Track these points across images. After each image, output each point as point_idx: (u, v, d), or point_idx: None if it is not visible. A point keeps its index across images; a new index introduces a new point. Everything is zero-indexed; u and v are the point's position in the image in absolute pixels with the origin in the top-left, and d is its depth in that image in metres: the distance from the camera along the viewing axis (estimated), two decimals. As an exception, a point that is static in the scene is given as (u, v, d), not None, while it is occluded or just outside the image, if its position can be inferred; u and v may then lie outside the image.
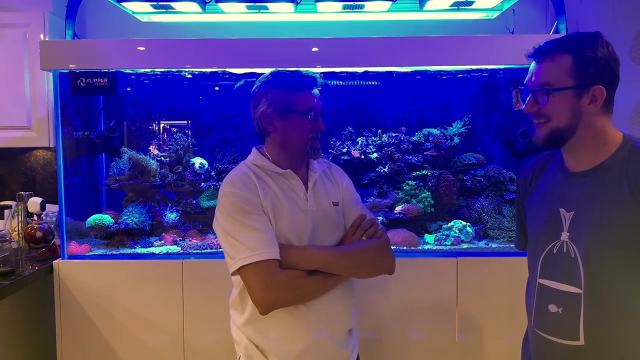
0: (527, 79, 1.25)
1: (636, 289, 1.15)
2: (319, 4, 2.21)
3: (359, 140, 2.52)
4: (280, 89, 1.46)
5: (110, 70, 2.14)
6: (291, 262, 1.36)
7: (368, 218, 1.53)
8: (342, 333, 1.48)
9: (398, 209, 2.37)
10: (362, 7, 2.26)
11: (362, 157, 2.46)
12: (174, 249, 2.30)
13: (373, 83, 2.61)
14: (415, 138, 2.51)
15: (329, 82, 2.53)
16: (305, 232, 1.43)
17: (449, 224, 2.36)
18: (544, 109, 1.20)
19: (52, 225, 2.55)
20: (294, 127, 1.45)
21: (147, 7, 2.23)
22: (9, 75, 2.43)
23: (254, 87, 1.50)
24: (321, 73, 1.53)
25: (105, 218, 2.36)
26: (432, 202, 2.40)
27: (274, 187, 1.44)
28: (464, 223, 2.34)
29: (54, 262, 2.18)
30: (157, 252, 2.27)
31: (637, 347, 1.15)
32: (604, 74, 1.16)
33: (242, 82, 2.40)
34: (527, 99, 1.23)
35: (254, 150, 1.54)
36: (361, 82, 2.60)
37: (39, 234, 2.47)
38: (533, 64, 1.24)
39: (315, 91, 1.49)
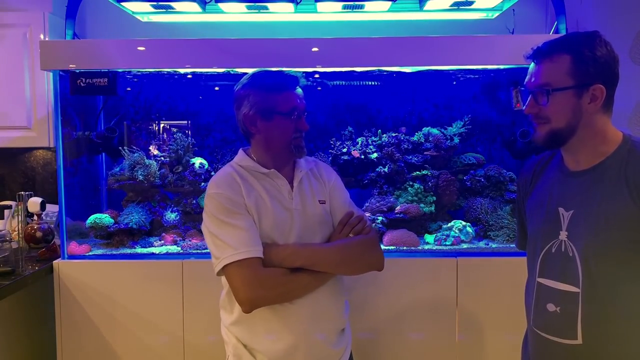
0: (526, 80, 1.25)
1: (634, 288, 1.15)
2: (319, 4, 2.21)
3: (359, 140, 2.52)
4: (261, 90, 1.44)
5: (110, 70, 2.14)
6: (274, 260, 1.35)
7: (356, 215, 1.52)
8: (333, 331, 1.47)
9: (398, 209, 2.37)
10: (362, 7, 2.26)
11: (362, 157, 2.46)
12: (174, 249, 2.30)
13: (373, 83, 2.61)
14: (415, 138, 2.51)
15: (330, 82, 2.53)
16: (291, 231, 1.42)
17: (449, 224, 2.36)
18: (545, 110, 1.20)
19: (52, 225, 2.55)
20: (277, 128, 1.44)
21: (147, 7, 2.23)
22: (9, 75, 2.43)
23: (235, 89, 1.49)
24: (303, 72, 1.52)
25: (105, 218, 2.36)
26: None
27: (258, 187, 1.43)
28: (464, 223, 2.33)
29: (54, 262, 2.18)
30: (157, 252, 2.27)
31: (635, 346, 1.15)
32: (604, 73, 1.16)
33: None
34: (528, 100, 1.23)
35: (240, 151, 1.53)
36: (361, 82, 2.60)
37: (39, 234, 2.47)
38: (532, 64, 1.24)
39: (299, 90, 1.47)
